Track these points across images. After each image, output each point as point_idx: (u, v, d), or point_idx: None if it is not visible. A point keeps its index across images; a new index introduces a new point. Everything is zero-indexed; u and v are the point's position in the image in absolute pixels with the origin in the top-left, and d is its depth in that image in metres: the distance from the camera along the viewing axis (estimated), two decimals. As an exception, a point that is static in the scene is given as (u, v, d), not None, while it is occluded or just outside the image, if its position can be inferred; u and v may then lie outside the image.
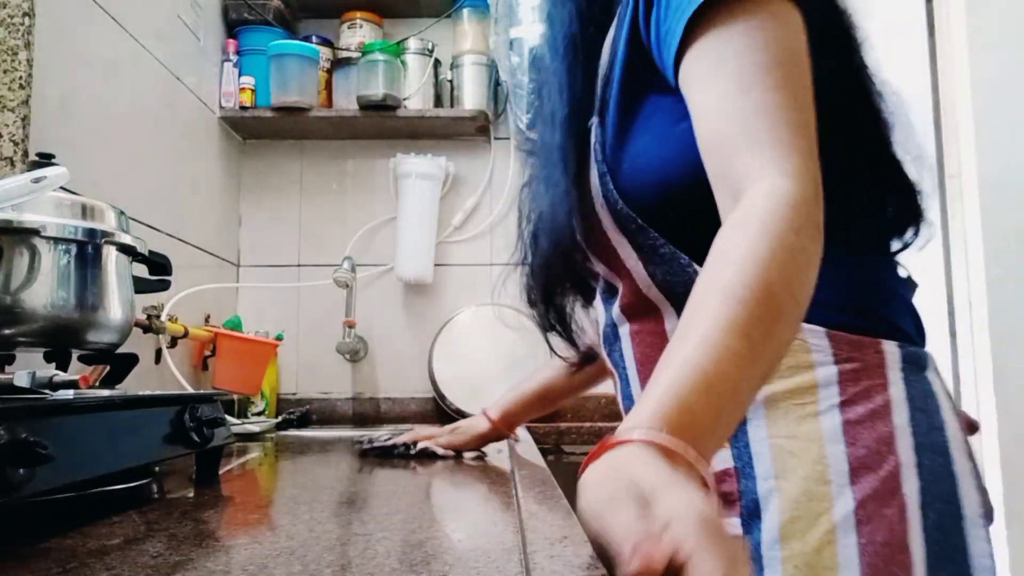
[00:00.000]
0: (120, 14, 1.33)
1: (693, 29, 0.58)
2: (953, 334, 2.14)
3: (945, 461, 0.61)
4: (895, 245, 0.72)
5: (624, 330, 0.75)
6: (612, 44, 0.73)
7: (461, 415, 1.76)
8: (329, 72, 1.95)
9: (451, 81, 1.97)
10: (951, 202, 2.18)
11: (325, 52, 1.93)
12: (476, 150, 2.03)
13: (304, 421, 1.86)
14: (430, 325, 1.95)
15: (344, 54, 1.94)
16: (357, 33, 1.95)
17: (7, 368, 0.82)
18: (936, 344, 2.16)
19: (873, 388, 0.61)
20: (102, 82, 1.28)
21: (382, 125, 1.94)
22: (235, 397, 1.71)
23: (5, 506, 0.49)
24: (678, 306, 0.68)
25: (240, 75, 1.86)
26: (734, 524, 0.62)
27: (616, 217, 0.68)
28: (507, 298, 0.98)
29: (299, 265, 2.01)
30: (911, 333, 0.67)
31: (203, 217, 1.75)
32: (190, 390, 1.51)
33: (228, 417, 1.48)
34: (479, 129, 1.98)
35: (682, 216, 0.65)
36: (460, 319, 1.93)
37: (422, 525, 0.57)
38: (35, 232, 0.80)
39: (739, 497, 0.62)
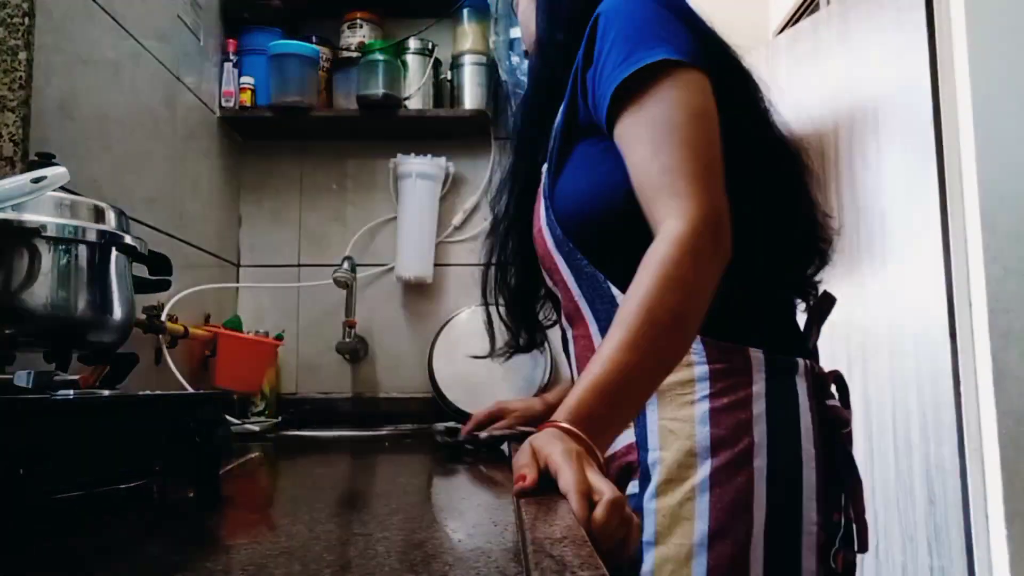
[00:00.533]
0: (120, 14, 1.33)
1: (620, 95, 0.75)
2: (953, 334, 2.14)
3: (794, 447, 0.78)
4: (810, 269, 0.89)
5: (569, 334, 0.91)
6: (565, 104, 0.89)
7: (461, 415, 1.76)
8: (329, 72, 1.95)
9: (451, 81, 1.97)
10: (951, 202, 2.18)
11: (325, 52, 1.93)
12: (476, 150, 2.02)
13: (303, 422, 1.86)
14: (430, 325, 1.95)
15: (344, 54, 1.94)
16: (357, 33, 1.95)
17: (7, 368, 0.82)
18: (936, 344, 2.17)
19: (738, 385, 0.78)
20: (102, 82, 1.28)
21: (382, 125, 1.94)
22: (235, 397, 1.71)
23: (5, 506, 0.49)
24: (598, 316, 0.85)
25: (240, 75, 1.86)
26: (635, 485, 0.79)
27: (555, 241, 0.86)
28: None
29: (299, 265, 2.01)
30: (785, 344, 0.83)
31: (203, 217, 1.75)
32: (190, 390, 1.51)
33: (228, 417, 1.48)
34: (479, 129, 1.98)
35: (600, 242, 0.82)
36: (460, 319, 1.93)
37: (422, 525, 0.57)
38: (35, 232, 0.80)
39: (638, 465, 0.79)
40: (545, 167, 0.90)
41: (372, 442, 1.45)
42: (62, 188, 0.80)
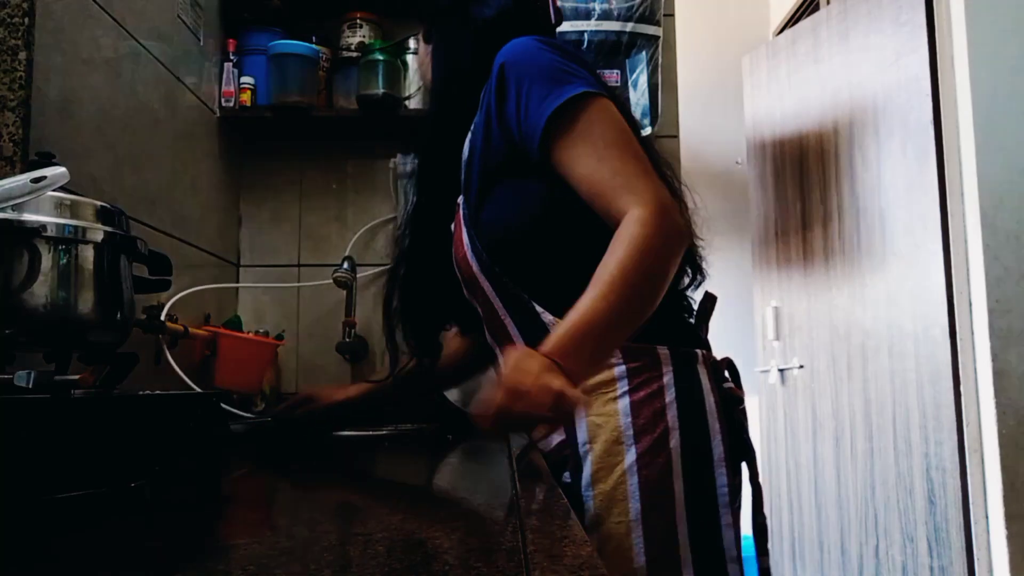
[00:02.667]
0: (120, 14, 1.33)
1: (550, 126, 0.88)
2: (953, 334, 2.14)
3: (702, 425, 0.91)
4: (685, 281, 1.04)
5: (497, 350, 1.02)
6: (472, 136, 1.02)
7: (461, 415, 1.76)
8: (329, 72, 1.95)
9: (451, 81, 1.97)
10: (951, 202, 2.18)
11: (325, 52, 1.93)
12: (476, 150, 2.02)
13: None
14: (430, 325, 1.95)
15: (344, 54, 1.94)
16: (357, 33, 1.95)
17: (7, 368, 0.82)
18: (936, 344, 2.17)
19: (651, 378, 0.91)
20: (102, 82, 1.28)
21: (382, 125, 1.94)
22: (235, 397, 1.71)
23: (5, 506, 0.49)
24: (523, 331, 0.96)
25: (240, 75, 1.86)
26: (567, 476, 0.91)
27: (482, 266, 0.97)
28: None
29: (299, 265, 2.01)
30: (684, 339, 0.96)
31: (203, 217, 1.75)
32: (190, 390, 1.51)
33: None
34: (479, 129, 1.98)
35: (523, 265, 0.95)
36: (460, 319, 1.93)
37: (422, 525, 0.57)
38: (35, 232, 0.80)
39: (570, 457, 0.91)
40: (461, 200, 1.01)
41: (372, 442, 1.45)
42: (62, 188, 0.80)
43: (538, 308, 0.94)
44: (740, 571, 0.90)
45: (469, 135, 1.04)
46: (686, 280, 1.04)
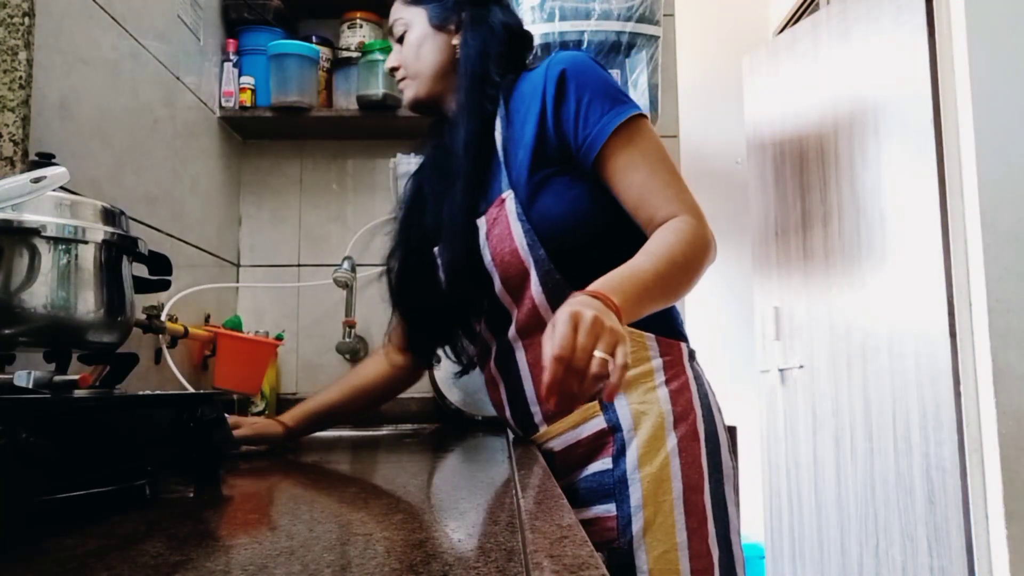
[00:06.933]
0: (120, 14, 1.33)
1: (610, 138, 0.99)
2: (953, 334, 2.14)
3: (712, 414, 1.02)
4: None
5: (518, 346, 1.07)
6: (505, 135, 1.07)
7: (461, 415, 1.76)
8: (329, 72, 1.95)
9: (451, 81, 1.97)
10: (951, 202, 2.18)
11: (325, 52, 1.93)
12: (476, 150, 2.02)
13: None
14: (430, 325, 1.95)
15: (344, 54, 1.94)
16: (357, 33, 1.95)
17: (7, 368, 0.82)
18: (936, 344, 2.17)
19: (680, 371, 1.03)
20: (102, 82, 1.28)
21: (382, 125, 1.94)
22: (235, 397, 1.71)
23: (5, 506, 0.49)
24: None
25: (240, 75, 1.86)
26: (607, 461, 0.99)
27: (535, 259, 1.01)
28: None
29: (299, 265, 2.01)
30: (685, 339, 1.07)
31: (203, 217, 1.75)
32: (190, 390, 1.51)
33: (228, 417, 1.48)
34: (479, 129, 1.97)
35: (574, 256, 1.00)
36: (460, 319, 1.93)
37: (422, 525, 0.57)
38: (35, 232, 0.80)
39: (612, 443, 0.99)
40: (508, 195, 1.03)
41: (372, 442, 1.45)
42: (62, 188, 0.80)
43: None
44: (739, 541, 1.01)
45: (500, 134, 1.07)
46: None
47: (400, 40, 1.16)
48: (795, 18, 3.24)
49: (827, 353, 2.63)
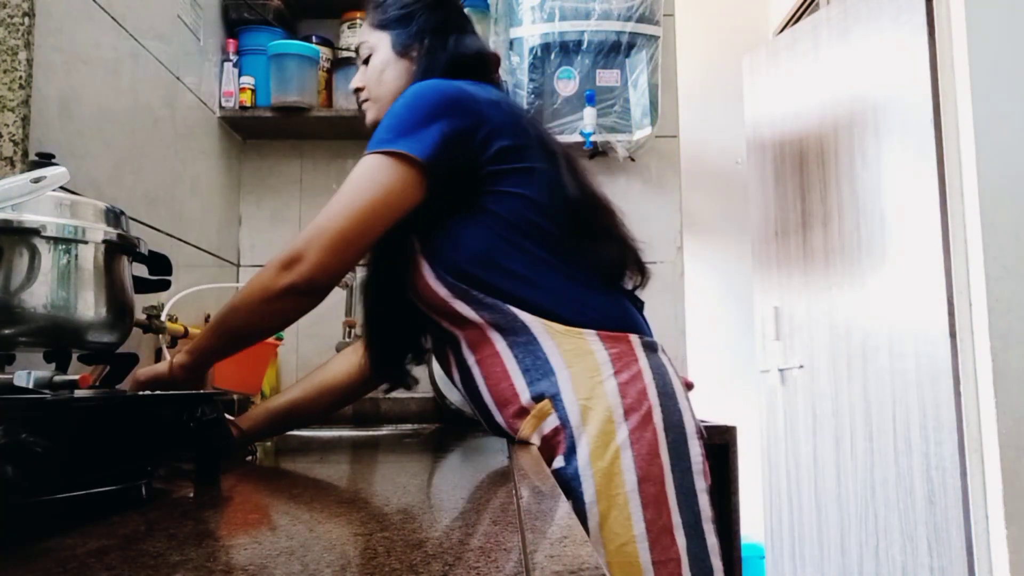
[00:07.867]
0: (120, 14, 1.33)
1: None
2: (953, 334, 2.14)
3: (674, 403, 1.02)
4: (630, 284, 1.13)
5: (472, 360, 1.07)
6: None
7: (461, 415, 1.76)
8: (329, 72, 1.95)
9: (451, 81, 1.97)
10: (951, 202, 2.18)
11: (325, 52, 1.93)
12: (476, 150, 2.02)
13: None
14: (430, 325, 1.95)
15: (344, 54, 1.94)
16: (357, 33, 1.95)
17: (7, 368, 0.82)
18: (936, 344, 2.17)
19: (631, 362, 1.01)
20: (102, 82, 1.28)
21: (382, 125, 1.94)
22: (235, 397, 1.71)
23: (5, 506, 0.49)
24: (503, 333, 1.03)
25: (240, 75, 1.86)
26: (560, 460, 0.98)
27: (451, 290, 1.04)
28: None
29: (299, 265, 2.00)
30: (645, 331, 1.08)
31: (203, 217, 1.75)
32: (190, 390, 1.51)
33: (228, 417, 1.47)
34: (479, 129, 1.97)
35: (481, 278, 1.03)
36: (460, 319, 1.93)
37: (422, 525, 0.57)
38: (35, 232, 0.80)
39: (563, 441, 0.98)
40: (416, 241, 1.07)
41: (372, 442, 1.45)
42: (62, 188, 0.80)
43: (514, 310, 1.02)
44: (714, 530, 1.01)
45: None
46: (639, 279, 1.14)
47: (366, 62, 1.17)
48: (795, 18, 3.24)
49: (827, 353, 2.63)
